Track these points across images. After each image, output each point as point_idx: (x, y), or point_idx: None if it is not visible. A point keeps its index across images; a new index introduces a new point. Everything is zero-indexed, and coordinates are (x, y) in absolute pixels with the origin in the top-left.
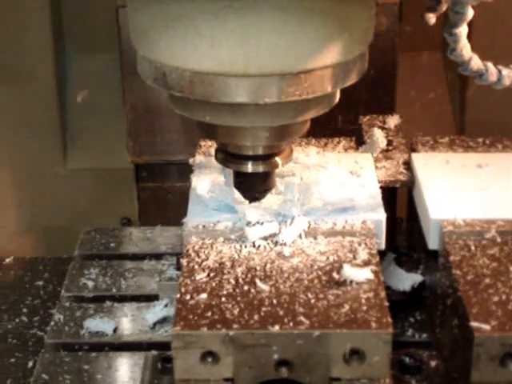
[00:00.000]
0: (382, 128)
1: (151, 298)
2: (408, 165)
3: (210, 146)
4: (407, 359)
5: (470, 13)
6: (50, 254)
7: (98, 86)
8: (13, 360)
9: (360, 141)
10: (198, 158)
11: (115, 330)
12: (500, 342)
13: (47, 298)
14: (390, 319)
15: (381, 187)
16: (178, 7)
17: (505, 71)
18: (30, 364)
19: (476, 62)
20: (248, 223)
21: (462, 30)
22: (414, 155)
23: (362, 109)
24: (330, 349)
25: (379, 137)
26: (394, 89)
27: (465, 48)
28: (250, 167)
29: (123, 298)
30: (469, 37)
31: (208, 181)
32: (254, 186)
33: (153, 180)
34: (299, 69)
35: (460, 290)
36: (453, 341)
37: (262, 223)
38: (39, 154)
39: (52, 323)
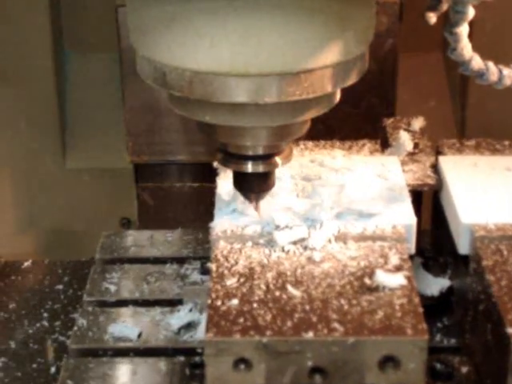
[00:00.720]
0: (408, 130)
1: (174, 303)
2: (435, 168)
3: None
4: (438, 365)
5: (471, 12)
6: (49, 253)
7: (98, 86)
8: (35, 366)
9: (385, 143)
10: None
11: (139, 336)
12: None
13: (67, 302)
14: (425, 325)
15: (409, 191)
16: (178, 7)
17: (505, 71)
18: (53, 370)
19: (477, 62)
20: (277, 227)
21: (463, 30)
22: (442, 158)
23: (361, 109)
24: (364, 356)
25: (405, 139)
26: (394, 89)
27: (465, 48)
28: (249, 167)
29: (146, 303)
30: (469, 36)
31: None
32: (253, 186)
33: (152, 180)
34: (299, 68)
35: (494, 295)
36: (486, 347)
37: (291, 227)
38: (39, 154)
39: (75, 328)
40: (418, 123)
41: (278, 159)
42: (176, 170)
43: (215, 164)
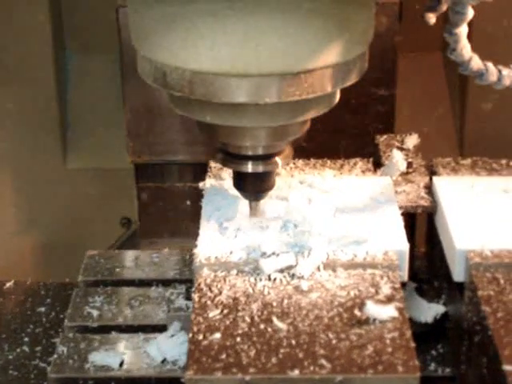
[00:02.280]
0: (401, 149)
1: (159, 329)
2: (429, 189)
3: (221, 169)
4: None
5: (471, 13)
6: (50, 253)
7: (98, 86)
8: None
9: (378, 162)
10: (209, 182)
11: (121, 364)
12: None
13: (50, 325)
14: (417, 362)
15: (401, 214)
16: (179, 7)
17: (505, 71)
18: None
19: (476, 62)
20: (263, 254)
21: (463, 30)
22: (436, 179)
23: (361, 109)
24: None
25: (399, 159)
26: (393, 89)
27: (465, 48)
28: (249, 167)
29: (130, 328)
30: (469, 37)
31: (220, 207)
32: (253, 186)
33: (153, 180)
34: (299, 69)
35: (490, 328)
36: (481, 380)
37: (278, 254)
38: (39, 154)
39: (55, 356)
40: (411, 141)
41: (278, 159)
42: (176, 169)
43: (201, 185)
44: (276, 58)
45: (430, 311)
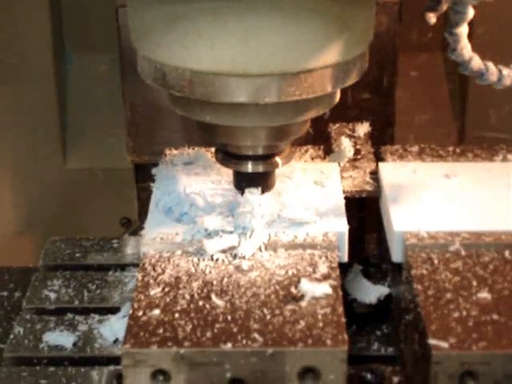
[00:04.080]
0: (351, 136)
1: (113, 311)
2: (375, 174)
3: (175, 156)
4: (368, 375)
5: (471, 12)
6: None
7: (98, 86)
8: None
9: (328, 149)
10: (161, 167)
11: (75, 344)
12: (458, 361)
13: (11, 309)
14: (346, 336)
15: (346, 198)
16: (179, 7)
17: (505, 71)
18: None
19: (476, 62)
20: (207, 236)
21: (463, 30)
22: (381, 164)
23: (361, 109)
24: (284, 367)
25: (346, 146)
26: (393, 89)
27: (465, 48)
28: (249, 167)
29: (85, 311)
30: (469, 37)
31: (169, 191)
32: (253, 186)
33: (153, 180)
34: (299, 69)
35: (420, 305)
36: (414, 357)
37: (221, 236)
38: (39, 153)
39: (11, 336)
40: (362, 129)
41: (278, 159)
42: None
43: (153, 170)
44: (276, 58)
45: (374, 293)
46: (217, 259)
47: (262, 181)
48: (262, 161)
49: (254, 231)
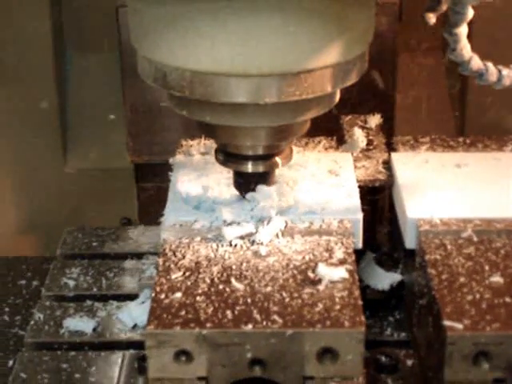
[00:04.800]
0: (363, 127)
1: (131, 298)
2: (388, 164)
3: (191, 146)
4: (383, 358)
5: (470, 13)
6: (49, 253)
7: (98, 86)
8: None
9: (341, 140)
10: (178, 158)
11: (95, 329)
12: (472, 341)
13: (29, 297)
14: (363, 318)
15: (360, 187)
16: (179, 7)
17: (505, 71)
18: (11, 363)
19: (476, 62)
20: (225, 222)
21: (462, 30)
22: (394, 154)
23: (361, 109)
24: (303, 347)
25: (359, 136)
26: (393, 89)
27: (465, 48)
28: (249, 167)
29: (104, 297)
30: (469, 37)
31: (187, 180)
32: (253, 186)
33: (153, 180)
34: (299, 69)
35: (434, 289)
36: (428, 340)
37: (239, 223)
38: (39, 153)
39: (32, 322)
40: (374, 121)
41: (278, 159)
42: None
43: (171, 160)
44: (276, 58)
45: (387, 279)
46: (235, 245)
47: (262, 181)
48: (262, 161)
49: (270, 218)
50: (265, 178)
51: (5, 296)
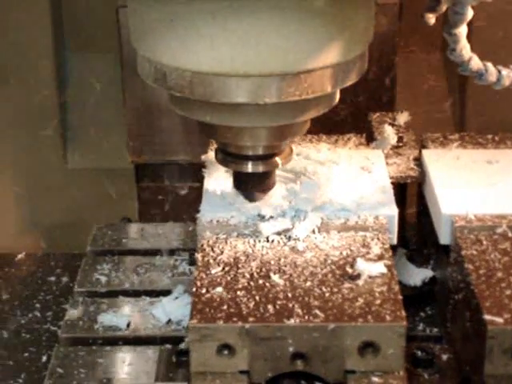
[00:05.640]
0: (392, 125)
1: (164, 294)
2: (418, 161)
3: None
4: (419, 352)
5: (470, 13)
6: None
7: (98, 86)
8: (26, 355)
9: (370, 137)
10: (211, 154)
11: (129, 325)
12: None
13: (59, 293)
14: (403, 312)
15: (392, 183)
16: (179, 8)
17: (504, 71)
18: (44, 358)
19: (476, 62)
20: (262, 218)
21: (462, 30)
22: (425, 151)
23: (361, 109)
24: (344, 342)
25: (390, 133)
26: (393, 89)
27: (464, 48)
28: (249, 167)
29: (136, 293)
30: (468, 37)
31: (221, 176)
32: (253, 186)
33: (153, 180)
34: (299, 69)
35: (473, 283)
36: (465, 334)
37: (276, 219)
38: (39, 154)
39: (66, 318)
40: (402, 118)
41: (278, 159)
42: (176, 169)
43: (203, 157)
44: (276, 58)
45: (418, 275)
46: (272, 241)
47: (262, 181)
48: (262, 161)
49: (307, 214)
50: (265, 178)
51: (35, 292)
